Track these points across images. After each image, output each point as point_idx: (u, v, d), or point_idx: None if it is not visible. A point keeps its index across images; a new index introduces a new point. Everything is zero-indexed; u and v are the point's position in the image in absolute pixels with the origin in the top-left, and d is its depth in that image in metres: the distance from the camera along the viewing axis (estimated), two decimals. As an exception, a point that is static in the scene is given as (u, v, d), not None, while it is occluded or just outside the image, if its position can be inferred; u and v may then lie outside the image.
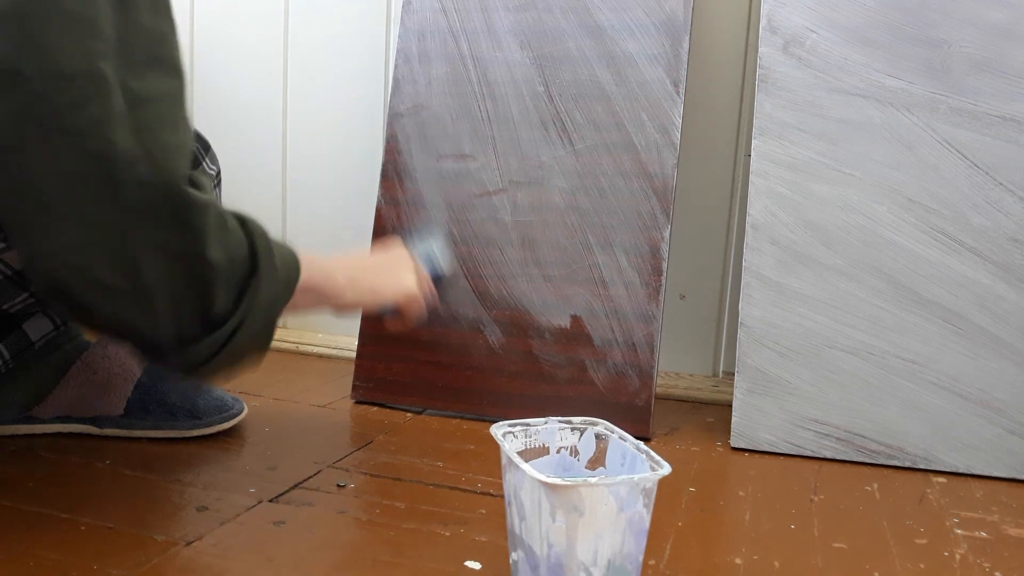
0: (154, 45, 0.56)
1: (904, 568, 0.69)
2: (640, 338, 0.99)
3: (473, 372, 1.04)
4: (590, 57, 1.05)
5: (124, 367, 0.89)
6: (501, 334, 1.03)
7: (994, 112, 0.90)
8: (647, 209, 1.01)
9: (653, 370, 0.98)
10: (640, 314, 0.99)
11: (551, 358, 1.01)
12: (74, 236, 0.53)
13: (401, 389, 1.05)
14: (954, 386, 0.91)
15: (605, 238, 1.02)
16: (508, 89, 1.07)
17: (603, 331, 1.00)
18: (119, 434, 0.88)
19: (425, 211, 1.08)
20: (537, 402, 1.01)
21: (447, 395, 1.04)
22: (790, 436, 0.94)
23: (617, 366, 0.99)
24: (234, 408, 0.93)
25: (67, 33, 0.51)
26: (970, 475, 0.91)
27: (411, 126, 1.10)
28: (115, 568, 0.62)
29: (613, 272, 1.01)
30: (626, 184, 1.02)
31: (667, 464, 0.58)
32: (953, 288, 0.91)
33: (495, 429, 0.63)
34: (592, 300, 1.01)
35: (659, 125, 1.01)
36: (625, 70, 1.04)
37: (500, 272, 1.05)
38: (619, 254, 1.01)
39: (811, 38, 0.93)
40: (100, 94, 0.52)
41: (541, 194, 1.05)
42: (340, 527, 0.71)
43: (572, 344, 1.01)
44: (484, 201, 1.06)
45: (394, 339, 1.06)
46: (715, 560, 0.69)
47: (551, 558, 0.56)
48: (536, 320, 1.03)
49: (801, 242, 0.94)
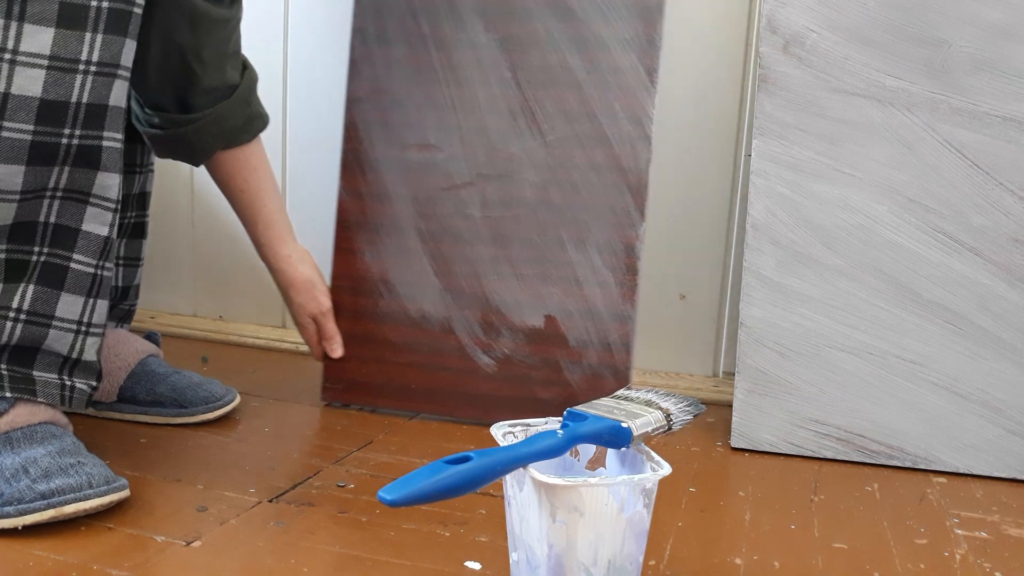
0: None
1: (904, 568, 0.69)
2: (615, 338, 0.97)
3: (446, 373, 1.01)
4: (559, 40, 0.99)
5: (120, 357, 0.95)
6: (474, 334, 1.00)
7: (994, 112, 0.90)
8: (621, 206, 0.97)
9: (629, 371, 0.96)
10: (615, 314, 0.97)
11: (525, 359, 0.99)
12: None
13: (373, 391, 1.03)
14: (954, 386, 0.91)
15: (578, 235, 0.98)
16: (474, 73, 1.01)
17: (578, 331, 0.97)
18: (113, 416, 0.95)
19: (391, 205, 1.03)
20: (511, 404, 0.98)
21: (419, 397, 1.01)
22: (790, 436, 0.94)
23: (592, 367, 0.97)
24: (224, 398, 0.97)
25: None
26: (970, 475, 0.91)
27: (371, 113, 1.03)
28: (114, 568, 0.62)
29: (587, 271, 0.98)
30: (599, 179, 0.98)
31: (667, 464, 0.58)
32: (953, 288, 0.91)
33: (495, 429, 0.63)
34: (566, 300, 0.98)
35: (632, 116, 0.97)
36: (597, 55, 0.98)
37: (471, 270, 1.00)
38: (593, 253, 0.97)
39: (811, 38, 0.93)
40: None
41: (511, 188, 1.00)
42: (340, 527, 0.71)
43: (546, 344, 0.98)
44: (452, 195, 1.01)
45: (364, 339, 1.03)
46: (715, 560, 0.69)
47: (551, 558, 0.56)
48: (509, 319, 0.99)
49: (801, 242, 0.94)
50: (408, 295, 1.02)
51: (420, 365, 1.01)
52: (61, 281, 0.73)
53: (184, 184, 1.39)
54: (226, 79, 0.92)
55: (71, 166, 0.70)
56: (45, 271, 0.72)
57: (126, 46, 0.70)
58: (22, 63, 0.65)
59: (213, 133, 0.92)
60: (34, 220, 0.71)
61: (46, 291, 0.72)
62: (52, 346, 0.74)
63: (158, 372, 0.95)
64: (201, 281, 1.41)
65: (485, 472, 0.54)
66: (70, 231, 0.73)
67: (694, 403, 0.66)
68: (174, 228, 1.40)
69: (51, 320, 0.73)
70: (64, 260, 0.73)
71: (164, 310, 1.43)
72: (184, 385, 0.94)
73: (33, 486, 0.67)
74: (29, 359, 0.73)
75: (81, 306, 0.74)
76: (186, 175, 1.38)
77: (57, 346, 0.74)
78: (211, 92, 0.90)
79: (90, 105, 0.69)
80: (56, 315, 0.73)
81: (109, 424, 0.94)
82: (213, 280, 1.41)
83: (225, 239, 1.37)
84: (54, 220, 0.72)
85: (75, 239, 0.73)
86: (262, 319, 1.38)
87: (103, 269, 0.75)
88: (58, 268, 0.73)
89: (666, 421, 0.62)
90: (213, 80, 0.90)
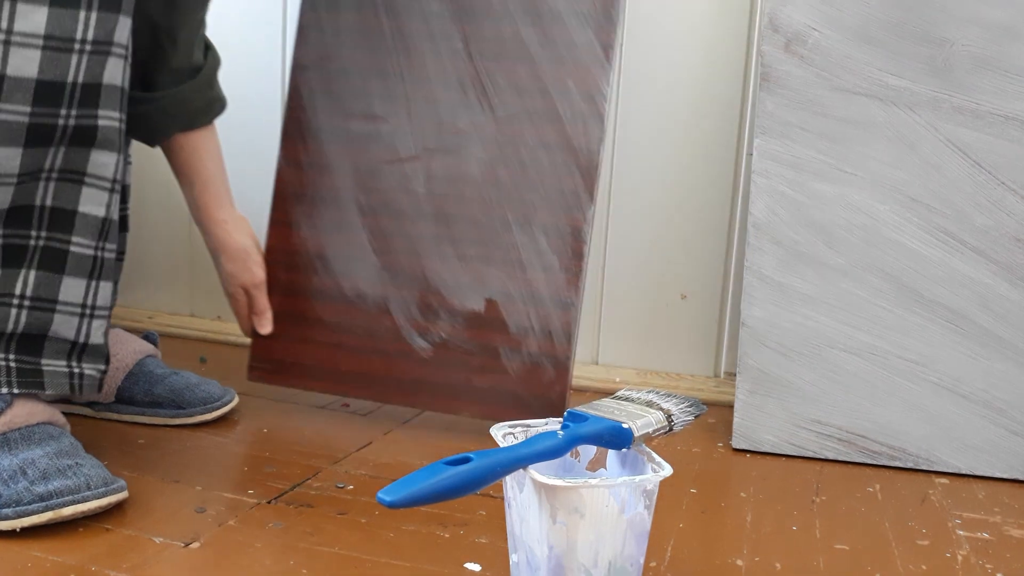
0: None
1: (906, 569, 0.69)
2: (557, 326, 0.92)
3: (379, 356, 0.96)
4: (514, 12, 0.94)
5: (118, 358, 0.95)
6: (410, 316, 0.95)
7: (997, 111, 0.89)
8: (570, 187, 0.93)
9: (569, 361, 0.92)
10: (558, 301, 0.92)
11: (463, 344, 0.94)
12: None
13: (302, 372, 0.98)
14: (956, 387, 0.91)
15: (525, 216, 0.94)
16: (424, 43, 0.97)
17: (519, 317, 0.93)
18: (111, 417, 0.95)
19: (331, 176, 0.98)
20: (446, 390, 0.94)
21: (350, 380, 0.97)
22: (792, 437, 0.94)
23: (532, 355, 0.93)
24: (223, 399, 0.96)
25: None
26: (972, 476, 0.91)
27: (316, 80, 0.99)
28: (112, 570, 0.62)
29: (532, 254, 0.93)
30: (548, 157, 0.93)
31: (668, 465, 0.57)
32: (955, 288, 0.91)
33: (495, 430, 0.62)
34: (508, 283, 0.93)
35: (586, 93, 0.93)
36: (551, 29, 0.94)
37: (411, 248, 0.96)
38: (539, 235, 0.93)
39: (813, 36, 0.92)
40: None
41: (458, 164, 0.95)
42: (340, 528, 0.71)
43: (485, 329, 0.94)
44: (395, 168, 0.97)
45: (296, 318, 0.98)
46: (716, 562, 0.68)
47: (552, 560, 0.55)
48: (449, 302, 0.95)
49: (803, 242, 0.93)
50: (344, 272, 0.98)
51: (352, 347, 0.97)
52: (62, 265, 0.73)
53: (183, 183, 1.38)
54: (192, 60, 0.91)
55: (66, 146, 0.70)
56: (45, 256, 0.72)
57: (120, 23, 0.69)
58: (17, 43, 0.64)
59: (174, 114, 0.91)
60: (31, 204, 0.70)
61: (48, 276, 0.72)
62: (59, 331, 0.73)
63: (156, 373, 0.95)
64: (199, 281, 1.41)
65: (485, 473, 0.54)
66: (67, 213, 0.72)
67: (695, 404, 0.66)
68: (172, 228, 1.40)
69: (55, 304, 0.73)
70: (63, 244, 0.72)
71: (162, 310, 1.43)
72: (182, 386, 0.94)
73: (31, 488, 0.67)
74: (37, 348, 0.73)
75: (84, 289, 0.74)
76: (185, 174, 1.38)
77: (64, 331, 0.73)
78: (177, 72, 0.90)
79: (86, 85, 0.68)
80: (60, 299, 0.73)
81: (107, 425, 0.93)
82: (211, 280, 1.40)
83: (224, 239, 1.36)
84: (50, 203, 0.71)
85: (72, 221, 0.72)
86: (261, 319, 1.37)
87: (103, 250, 0.75)
88: (58, 252, 0.72)
89: (667, 422, 0.62)
90: (181, 61, 0.89)
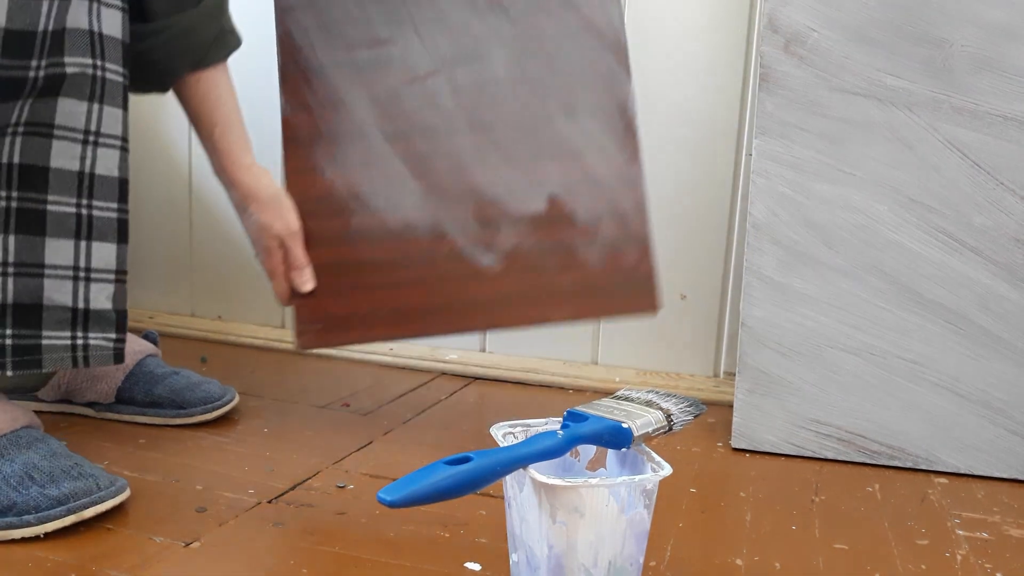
0: None
1: (906, 569, 0.69)
2: (628, 206, 0.88)
3: (446, 284, 0.89)
4: None
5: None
6: (469, 233, 0.89)
7: (996, 112, 0.89)
8: (603, 67, 0.89)
9: (648, 238, 0.88)
10: (623, 178, 0.88)
11: (533, 248, 0.89)
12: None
13: (360, 322, 0.89)
14: (955, 386, 0.91)
15: (566, 105, 0.89)
16: None
17: (586, 206, 0.88)
18: (112, 417, 0.95)
19: (345, 111, 0.90)
20: (526, 301, 0.89)
21: (418, 317, 0.89)
22: (791, 437, 0.94)
23: (609, 241, 0.88)
24: (223, 399, 0.96)
25: None
26: (971, 476, 0.91)
27: (307, 19, 0.91)
28: (113, 569, 0.62)
29: (583, 139, 0.89)
30: (574, 43, 0.89)
31: (668, 465, 0.58)
32: (954, 288, 0.91)
33: (495, 429, 0.63)
34: (567, 174, 0.89)
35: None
36: None
37: (453, 164, 0.89)
38: (585, 119, 0.89)
39: (812, 37, 0.92)
40: None
41: (482, 69, 0.90)
42: (340, 528, 0.71)
43: (554, 227, 0.89)
44: (416, 88, 0.90)
45: (339, 267, 0.89)
46: (716, 561, 0.69)
47: (551, 559, 0.55)
48: (507, 209, 0.89)
49: (802, 242, 0.93)
50: (385, 206, 0.90)
51: (413, 281, 0.89)
52: (41, 226, 0.68)
53: (183, 184, 1.38)
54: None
55: (33, 99, 0.66)
56: (21, 218, 0.67)
57: None
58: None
59: (180, 48, 0.82)
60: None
61: (28, 239, 0.67)
62: (53, 298, 0.69)
63: (156, 372, 0.95)
64: (200, 281, 1.41)
65: (485, 473, 0.54)
66: (37, 170, 0.67)
67: (695, 403, 0.66)
68: (173, 228, 1.40)
69: (42, 268, 0.68)
70: (38, 203, 0.68)
71: (162, 310, 1.43)
72: (182, 385, 0.94)
73: (45, 492, 0.66)
74: (35, 319, 0.69)
75: (72, 250, 0.69)
76: (185, 175, 1.38)
77: (58, 297, 0.69)
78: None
79: (55, 32, 0.64)
80: (46, 263, 0.69)
81: (107, 425, 0.93)
82: (212, 280, 1.40)
83: (224, 239, 1.37)
84: (18, 160, 0.66)
85: (46, 179, 0.68)
86: (261, 319, 1.38)
87: (89, 208, 0.70)
88: (34, 213, 0.68)
89: (667, 422, 0.62)
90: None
